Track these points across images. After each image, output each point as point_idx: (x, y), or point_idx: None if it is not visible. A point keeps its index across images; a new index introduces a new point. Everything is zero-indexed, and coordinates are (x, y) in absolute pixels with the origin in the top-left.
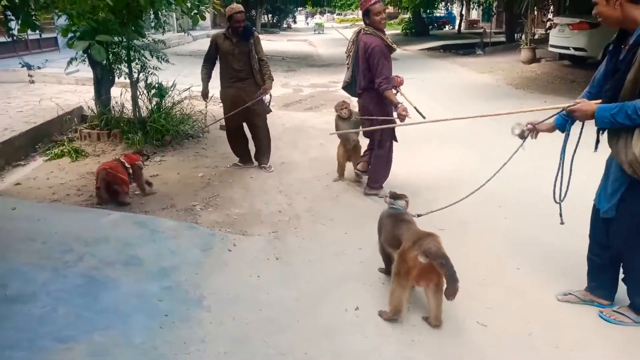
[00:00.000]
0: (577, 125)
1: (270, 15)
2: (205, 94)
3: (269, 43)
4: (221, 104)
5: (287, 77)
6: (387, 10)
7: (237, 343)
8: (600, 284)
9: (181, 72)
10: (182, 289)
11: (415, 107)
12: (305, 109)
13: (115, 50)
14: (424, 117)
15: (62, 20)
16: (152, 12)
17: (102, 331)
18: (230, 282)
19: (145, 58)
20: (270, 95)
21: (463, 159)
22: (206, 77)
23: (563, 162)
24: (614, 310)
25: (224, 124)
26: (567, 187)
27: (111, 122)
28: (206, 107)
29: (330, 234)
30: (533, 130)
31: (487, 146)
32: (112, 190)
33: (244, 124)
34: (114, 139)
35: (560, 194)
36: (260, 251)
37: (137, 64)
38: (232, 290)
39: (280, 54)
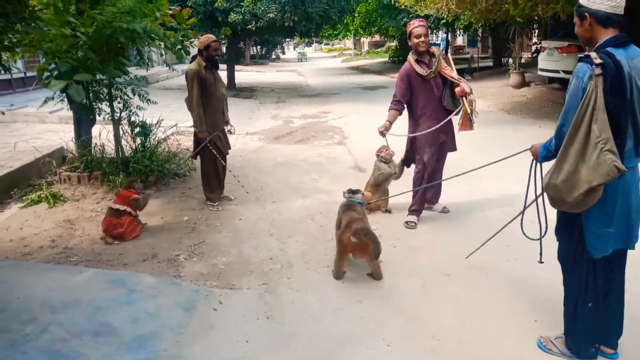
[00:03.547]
0: None
1: (259, 47)
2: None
3: (258, 74)
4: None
5: (277, 109)
6: (373, 39)
7: None
8: None
9: (169, 106)
10: None
11: (470, 114)
12: (296, 142)
13: (95, 89)
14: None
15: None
16: (134, 49)
17: None
18: (216, 350)
19: (128, 96)
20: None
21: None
22: (203, 118)
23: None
24: (550, 340)
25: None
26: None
27: (92, 163)
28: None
29: (326, 285)
30: None
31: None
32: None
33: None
34: (95, 181)
35: (540, 231)
36: (249, 308)
37: (119, 102)
38: None
39: (270, 85)
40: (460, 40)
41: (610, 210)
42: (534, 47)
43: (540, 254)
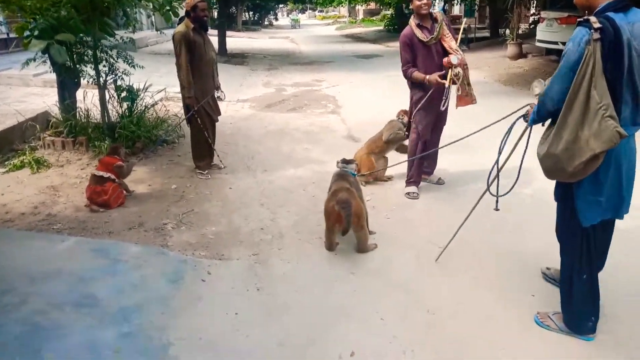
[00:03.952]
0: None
1: (251, 13)
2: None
3: (250, 41)
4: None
5: (269, 76)
6: (368, 6)
7: None
8: None
9: (158, 71)
10: (145, 335)
11: (448, 87)
12: (288, 110)
13: (79, 51)
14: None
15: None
16: (120, 9)
17: None
18: (203, 323)
19: (114, 59)
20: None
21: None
22: (192, 82)
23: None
24: (548, 315)
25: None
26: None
27: (76, 128)
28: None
29: (318, 256)
30: None
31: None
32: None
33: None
34: (80, 147)
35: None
36: (239, 280)
37: (104, 65)
38: (205, 333)
39: (262, 51)
40: (457, 9)
41: (602, 178)
42: (531, 18)
43: (497, 203)
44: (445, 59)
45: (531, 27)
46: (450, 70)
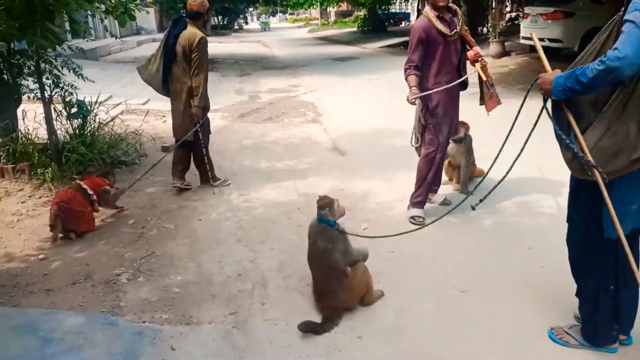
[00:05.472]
0: None
1: (220, 17)
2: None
3: (220, 45)
4: (167, 119)
5: (241, 83)
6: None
7: None
8: None
9: (119, 81)
10: None
11: (486, 82)
12: (264, 120)
13: (18, 61)
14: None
15: None
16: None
17: None
18: None
19: (58, 70)
20: None
21: None
22: None
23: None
24: (564, 330)
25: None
26: None
27: (16, 153)
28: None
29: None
30: None
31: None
32: (71, 225)
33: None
34: (22, 174)
35: None
36: (212, 356)
37: (47, 77)
38: None
39: (233, 56)
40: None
41: (636, 183)
42: (508, 16)
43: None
44: (470, 52)
45: (508, 24)
46: (478, 63)
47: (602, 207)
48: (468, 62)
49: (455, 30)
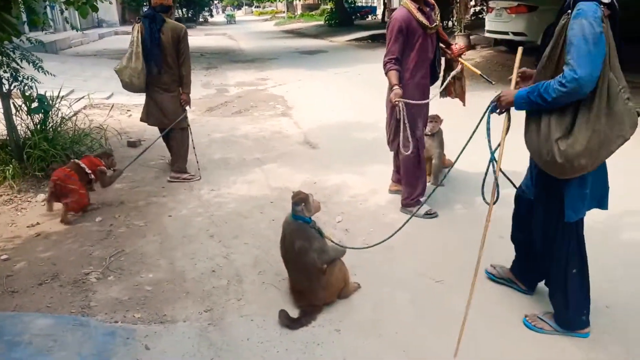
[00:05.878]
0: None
1: (184, 9)
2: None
3: None
4: (132, 113)
5: (208, 76)
6: (307, 1)
7: None
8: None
9: (81, 75)
10: None
11: (481, 74)
12: (233, 113)
13: None
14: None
15: None
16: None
17: None
18: None
19: (17, 63)
20: None
21: None
22: None
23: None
24: (538, 317)
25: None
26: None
27: None
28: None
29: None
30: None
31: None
32: (67, 202)
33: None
34: None
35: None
36: (188, 355)
37: (5, 71)
38: None
39: (198, 49)
40: (396, 2)
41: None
42: (472, 10)
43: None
44: (455, 47)
45: (473, 18)
46: (460, 58)
47: (564, 195)
48: (446, 57)
49: (435, 24)
